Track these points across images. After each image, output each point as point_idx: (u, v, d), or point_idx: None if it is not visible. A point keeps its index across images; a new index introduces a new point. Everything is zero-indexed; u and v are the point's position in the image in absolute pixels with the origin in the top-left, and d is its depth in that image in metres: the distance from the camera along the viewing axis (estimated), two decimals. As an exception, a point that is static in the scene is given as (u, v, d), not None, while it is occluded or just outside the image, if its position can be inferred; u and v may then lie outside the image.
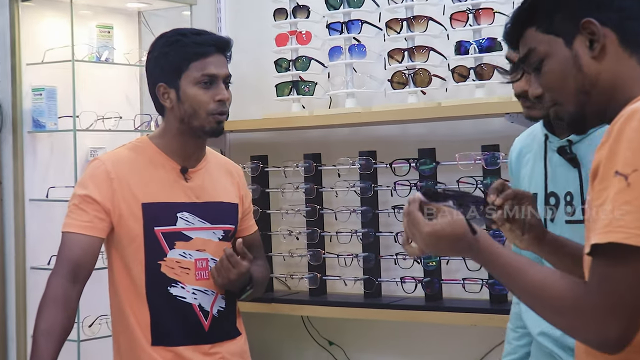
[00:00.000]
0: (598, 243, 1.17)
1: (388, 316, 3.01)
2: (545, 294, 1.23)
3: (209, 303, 2.12)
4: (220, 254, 2.12)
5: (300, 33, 3.20)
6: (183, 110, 2.07)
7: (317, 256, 3.18)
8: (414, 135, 3.16)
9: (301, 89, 3.22)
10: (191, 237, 2.10)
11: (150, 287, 2.07)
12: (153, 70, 2.11)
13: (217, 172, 2.20)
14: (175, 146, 2.12)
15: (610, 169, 1.19)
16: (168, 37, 2.10)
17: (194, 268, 2.10)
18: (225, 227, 2.17)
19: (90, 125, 3.32)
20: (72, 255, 2.02)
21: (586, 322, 1.18)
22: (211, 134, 2.10)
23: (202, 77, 2.06)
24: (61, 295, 2.00)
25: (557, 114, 1.38)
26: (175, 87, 2.07)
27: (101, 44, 3.39)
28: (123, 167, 2.08)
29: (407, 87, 2.99)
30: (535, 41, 1.37)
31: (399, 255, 3.04)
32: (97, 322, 3.23)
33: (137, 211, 2.06)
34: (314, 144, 3.34)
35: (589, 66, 1.32)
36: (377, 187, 3.08)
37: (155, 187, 2.09)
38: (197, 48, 2.06)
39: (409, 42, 3.01)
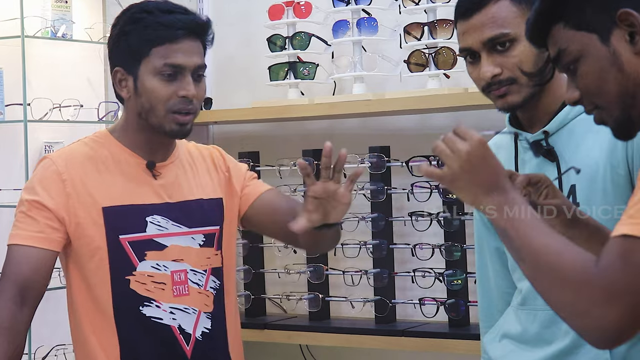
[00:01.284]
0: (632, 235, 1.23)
1: (404, 345, 2.99)
2: (557, 260, 1.30)
3: (190, 324, 2.08)
4: (203, 263, 2.11)
5: (298, 4, 3.19)
6: (140, 104, 2.06)
7: (319, 273, 3.16)
8: (436, 128, 3.14)
9: (299, 71, 3.21)
10: (165, 245, 2.08)
11: (119, 308, 2.05)
12: (112, 50, 2.10)
13: (191, 162, 2.18)
14: (139, 140, 2.10)
15: None
16: (132, 13, 2.07)
17: (171, 282, 2.07)
18: (207, 230, 2.13)
19: (44, 115, 3.31)
20: (19, 272, 2.01)
21: (589, 301, 1.25)
22: (171, 136, 2.07)
23: (164, 67, 2.02)
24: (6, 320, 1.97)
25: (601, 118, 1.42)
26: (133, 75, 2.05)
27: (57, 16, 3.38)
28: (78, 166, 2.07)
29: (427, 69, 2.98)
30: (565, 40, 1.40)
31: (417, 272, 3.01)
32: (53, 353, 3.23)
33: (97, 217, 2.04)
34: (315, 138, 3.30)
35: (632, 63, 1.34)
36: (391, 190, 3.07)
37: (118, 188, 2.07)
38: (162, 30, 2.02)
39: (430, 15, 2.99)
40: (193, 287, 2.10)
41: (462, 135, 1.45)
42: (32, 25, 3.27)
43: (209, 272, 2.12)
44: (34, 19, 3.28)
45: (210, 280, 2.13)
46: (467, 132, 1.46)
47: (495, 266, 2.02)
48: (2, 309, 1.98)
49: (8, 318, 1.97)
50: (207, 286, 2.12)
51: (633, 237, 1.22)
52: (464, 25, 1.85)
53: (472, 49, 1.85)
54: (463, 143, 1.45)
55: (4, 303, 1.98)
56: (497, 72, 1.82)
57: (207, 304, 2.12)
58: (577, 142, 1.82)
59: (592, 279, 1.25)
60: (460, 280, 2.95)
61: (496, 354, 1.98)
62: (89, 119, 3.40)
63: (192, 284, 2.10)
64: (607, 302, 1.23)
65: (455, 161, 1.44)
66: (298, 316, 3.26)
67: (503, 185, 1.44)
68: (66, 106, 3.34)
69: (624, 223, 1.24)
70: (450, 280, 2.94)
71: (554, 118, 1.86)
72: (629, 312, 1.22)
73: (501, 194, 1.43)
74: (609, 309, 1.23)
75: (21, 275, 2.00)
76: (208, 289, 2.12)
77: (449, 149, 1.46)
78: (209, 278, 2.12)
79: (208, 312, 2.12)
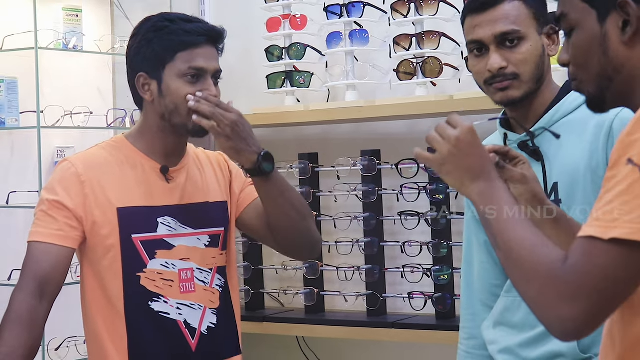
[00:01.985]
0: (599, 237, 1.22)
1: (394, 336, 3.02)
2: (529, 255, 1.30)
3: (196, 319, 2.12)
4: (208, 262, 2.14)
5: (294, 17, 3.21)
6: (164, 106, 2.09)
7: (314, 269, 3.19)
8: (424, 132, 2.89)
9: (295, 80, 3.24)
10: (173, 245, 2.11)
11: (129, 303, 2.07)
12: (134, 57, 2.13)
13: (199, 167, 2.21)
14: (155, 144, 2.13)
15: (622, 155, 1.22)
16: (154, 22, 2.11)
17: (178, 280, 2.11)
18: (212, 232, 2.17)
19: (56, 121, 3.32)
20: (39, 268, 2.03)
21: (554, 297, 1.24)
22: (194, 134, 2.10)
23: (189, 70, 2.07)
24: (26, 313, 1.99)
25: (578, 88, 1.42)
26: (157, 79, 2.09)
27: (68, 29, 3.40)
28: (95, 169, 2.10)
29: (415, 77, 3.01)
30: (570, 5, 1.38)
31: (407, 268, 3.05)
32: (65, 345, 3.24)
33: (112, 217, 2.07)
34: (310, 143, 3.36)
35: (617, 51, 1.33)
36: (382, 191, 3.10)
37: (132, 190, 2.10)
38: (185, 37, 2.07)
39: (418, 27, 3.03)
40: (199, 285, 2.13)
41: (453, 123, 1.48)
42: (45, 38, 3.28)
43: (215, 271, 2.16)
44: (47, 32, 3.29)
45: (215, 278, 2.16)
46: (458, 121, 1.48)
47: (482, 258, 2.06)
48: (22, 302, 1.99)
49: (28, 311, 1.99)
50: (212, 284, 2.15)
51: (598, 239, 1.21)
52: (477, 18, 1.90)
53: (482, 41, 1.90)
54: (453, 130, 1.47)
55: (24, 297, 2.00)
56: (504, 65, 1.88)
57: (212, 300, 2.15)
58: (561, 143, 1.84)
59: (559, 275, 1.25)
60: (446, 276, 2.96)
61: (489, 338, 2.03)
62: (99, 125, 3.41)
63: (198, 282, 2.13)
64: (571, 299, 1.23)
65: (444, 146, 1.47)
66: (295, 309, 3.27)
67: (489, 173, 1.45)
68: (77, 113, 3.35)
69: (590, 225, 1.23)
70: (438, 275, 2.97)
71: (539, 120, 1.92)
72: (590, 310, 1.22)
73: (486, 180, 1.44)
74: (572, 305, 1.22)
75: (41, 271, 2.01)
76: (214, 287, 2.15)
77: (439, 135, 1.48)
78: (214, 276, 2.16)
79: (214, 308, 2.14)
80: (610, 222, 1.22)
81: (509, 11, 1.90)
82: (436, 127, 1.51)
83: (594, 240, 1.23)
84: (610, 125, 1.85)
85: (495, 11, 1.90)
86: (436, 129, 1.50)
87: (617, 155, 1.23)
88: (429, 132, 1.51)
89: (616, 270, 1.22)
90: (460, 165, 1.46)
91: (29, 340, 1.99)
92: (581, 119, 1.89)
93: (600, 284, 1.22)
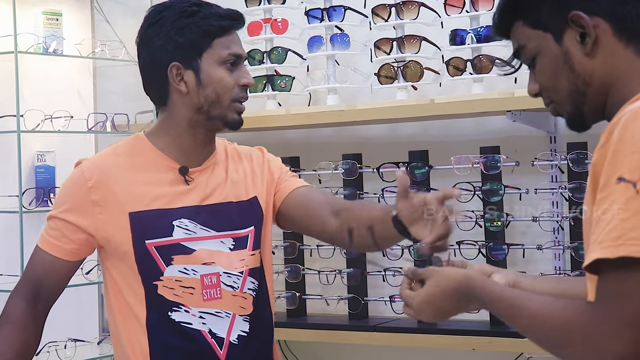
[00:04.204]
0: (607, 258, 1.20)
1: (376, 340, 3.02)
2: (550, 324, 1.28)
3: (224, 328, 1.98)
4: (235, 266, 1.99)
5: (275, 21, 3.22)
6: (203, 96, 1.96)
7: (296, 272, 3.20)
8: (404, 136, 3.19)
9: (277, 84, 3.24)
10: (193, 249, 1.98)
11: (148, 313, 1.96)
12: (161, 47, 1.96)
13: (231, 166, 2.08)
14: (180, 142, 2.01)
15: (611, 175, 1.22)
16: (183, 8, 1.96)
17: (200, 286, 1.96)
18: (237, 234, 2.02)
19: (36, 125, 3.30)
20: (34, 273, 2.00)
21: (596, 343, 1.21)
22: (232, 126, 1.99)
23: (229, 56, 1.96)
24: (16, 316, 1.96)
25: (556, 111, 1.43)
26: (193, 68, 1.95)
27: (48, 33, 3.37)
28: (108, 172, 1.99)
29: (396, 81, 3.02)
30: (524, 37, 1.41)
31: (388, 272, 3.04)
32: (45, 350, 3.21)
33: (124, 223, 1.96)
34: (292, 146, 3.36)
35: (582, 64, 1.35)
36: (363, 195, 3.10)
37: (146, 193, 1.98)
38: (222, 21, 1.96)
39: (398, 31, 3.03)
40: (226, 290, 1.98)
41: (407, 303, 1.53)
42: (24, 42, 3.25)
43: (246, 274, 2.01)
44: (26, 36, 3.26)
45: (247, 281, 2.01)
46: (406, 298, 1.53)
47: None
48: (14, 305, 1.97)
49: (18, 313, 1.96)
50: (243, 288, 2.00)
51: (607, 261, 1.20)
52: None
53: None
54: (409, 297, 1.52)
55: (16, 299, 1.98)
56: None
57: (243, 306, 2.00)
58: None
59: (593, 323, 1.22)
60: None
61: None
62: (79, 129, 3.38)
63: (225, 287, 1.98)
64: (615, 334, 1.20)
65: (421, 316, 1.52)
66: (276, 313, 3.00)
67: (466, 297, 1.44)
68: (57, 117, 3.31)
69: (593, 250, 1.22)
70: None
71: None
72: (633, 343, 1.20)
73: (470, 302, 1.44)
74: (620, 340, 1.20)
75: (35, 276, 1.99)
76: (245, 291, 2.00)
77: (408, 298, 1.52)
78: (245, 279, 2.01)
79: (245, 315, 2.00)
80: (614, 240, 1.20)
81: None
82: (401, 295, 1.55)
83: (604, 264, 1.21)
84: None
85: None
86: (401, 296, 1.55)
87: (606, 177, 1.23)
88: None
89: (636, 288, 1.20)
90: (443, 313, 1.49)
91: (17, 343, 1.95)
92: None
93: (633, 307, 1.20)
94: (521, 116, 2.77)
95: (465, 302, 1.45)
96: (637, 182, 1.19)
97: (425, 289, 1.49)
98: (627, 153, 1.21)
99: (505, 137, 2.99)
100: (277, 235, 3.23)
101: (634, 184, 1.19)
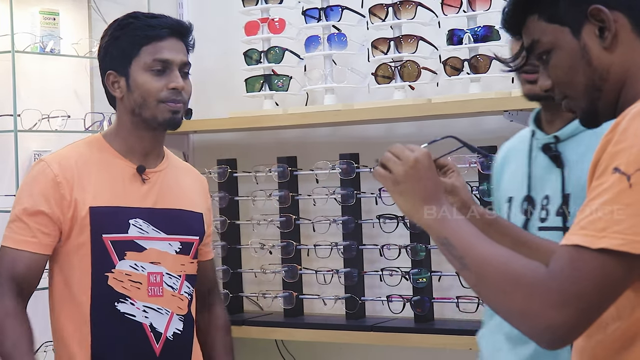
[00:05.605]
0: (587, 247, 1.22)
1: (373, 339, 3.02)
2: (506, 267, 1.29)
3: (162, 324, 2.13)
4: (177, 269, 2.16)
5: (272, 20, 3.21)
6: (132, 100, 2.11)
7: (293, 272, 3.19)
8: (401, 136, 3.18)
9: (274, 83, 3.23)
10: (145, 248, 2.12)
11: (96, 303, 2.09)
12: (103, 57, 2.16)
13: (181, 176, 2.23)
14: (131, 143, 2.14)
15: (610, 164, 1.23)
16: (120, 21, 2.15)
17: (147, 282, 2.12)
18: (184, 239, 2.18)
19: (33, 125, 3.31)
20: (14, 270, 2.07)
21: (542, 304, 1.24)
22: (166, 126, 2.12)
23: (154, 62, 2.09)
24: (12, 310, 2.05)
25: (569, 107, 1.42)
26: (125, 75, 2.11)
27: (45, 32, 3.38)
28: (71, 168, 2.11)
29: (393, 81, 3.02)
30: (539, 31, 1.40)
31: (385, 271, 3.05)
32: (42, 350, 3.20)
33: (84, 216, 2.08)
34: (289, 146, 3.36)
35: (600, 59, 1.35)
36: (360, 194, 3.10)
37: (105, 190, 2.11)
38: (149, 31, 2.10)
39: (395, 31, 3.03)
40: (167, 290, 2.13)
41: (409, 147, 1.48)
42: (22, 41, 3.27)
43: (183, 278, 2.17)
44: (23, 35, 3.28)
45: (184, 285, 2.17)
46: (413, 146, 1.48)
47: None
48: (4, 305, 2.05)
49: (13, 309, 2.05)
50: (181, 290, 2.16)
51: (586, 248, 1.21)
52: None
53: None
54: (411, 152, 1.46)
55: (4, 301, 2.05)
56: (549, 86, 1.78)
57: (180, 307, 2.16)
58: (584, 152, 1.80)
59: (544, 283, 1.24)
60: (425, 279, 2.97)
61: (488, 349, 2.00)
62: (76, 129, 3.39)
63: (166, 287, 2.13)
64: (559, 306, 1.22)
65: (401, 166, 1.45)
66: (273, 313, 3.27)
67: (440, 198, 1.44)
68: (54, 117, 3.34)
69: (575, 233, 1.24)
70: (416, 278, 2.97)
71: (567, 125, 1.86)
72: (577, 316, 1.23)
73: (438, 205, 1.42)
74: (561, 312, 1.22)
75: (16, 273, 2.07)
76: (182, 293, 2.16)
77: (396, 156, 1.47)
78: (183, 283, 2.16)
79: (181, 315, 2.15)
80: (598, 231, 1.22)
81: None
82: (390, 148, 1.50)
83: (581, 248, 1.22)
84: None
85: None
86: (391, 150, 1.49)
87: (605, 165, 1.24)
88: (384, 154, 1.50)
89: (603, 278, 1.22)
90: (414, 187, 1.44)
91: (27, 329, 2.07)
92: None
93: (587, 291, 1.22)
94: (518, 116, 2.77)
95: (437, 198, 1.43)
96: (631, 175, 1.20)
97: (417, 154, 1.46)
98: (628, 145, 1.21)
99: (502, 137, 2.95)
100: (274, 235, 3.24)
101: (628, 176, 1.20)
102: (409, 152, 1.47)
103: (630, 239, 1.20)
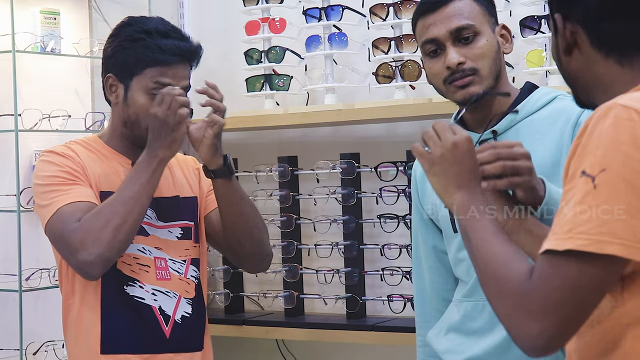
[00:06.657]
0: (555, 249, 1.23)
1: (374, 339, 3.02)
2: (501, 271, 1.31)
3: (171, 306, 2.15)
4: (182, 254, 2.18)
5: (273, 20, 3.22)
6: (126, 114, 2.15)
7: (294, 272, 3.19)
8: (402, 136, 3.18)
9: (274, 83, 3.24)
10: (149, 233, 2.17)
11: (105, 286, 2.11)
12: (108, 58, 2.18)
13: (173, 165, 2.26)
14: (125, 145, 2.20)
15: (577, 168, 1.24)
16: (132, 32, 2.14)
17: (154, 266, 2.15)
18: (183, 224, 2.22)
19: (34, 124, 3.31)
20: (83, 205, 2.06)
21: (522, 313, 1.25)
22: None
23: (155, 84, 2.10)
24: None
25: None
26: (125, 85, 2.14)
27: (46, 32, 3.39)
28: (77, 156, 2.14)
29: (394, 81, 3.02)
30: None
31: (386, 271, 3.05)
32: (43, 350, 3.22)
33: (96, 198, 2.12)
34: (290, 146, 3.36)
35: (567, 63, 1.39)
36: (361, 194, 3.11)
37: (108, 178, 2.15)
38: (158, 53, 2.11)
39: (396, 30, 3.03)
40: (174, 274, 2.17)
41: (453, 129, 1.49)
42: (22, 41, 3.28)
43: (189, 262, 2.20)
44: (24, 35, 3.29)
45: (190, 269, 2.20)
46: (459, 128, 1.50)
47: (431, 263, 2.05)
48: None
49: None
50: (187, 274, 2.20)
51: (553, 252, 1.23)
52: (430, 18, 1.90)
53: (438, 39, 1.88)
54: (452, 134, 1.48)
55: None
56: (462, 60, 1.86)
57: (188, 290, 2.19)
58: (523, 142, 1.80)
59: (525, 291, 1.25)
60: None
61: (443, 347, 1.99)
62: (77, 128, 3.40)
63: (173, 271, 2.17)
64: (538, 314, 1.23)
65: (440, 148, 1.47)
66: (274, 313, 3.28)
67: (474, 185, 1.46)
68: (55, 116, 3.35)
69: (547, 239, 1.25)
70: None
71: (502, 119, 1.89)
72: (558, 324, 1.23)
73: (470, 192, 1.44)
74: (540, 321, 1.23)
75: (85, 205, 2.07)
76: (189, 277, 2.20)
77: (437, 136, 1.49)
78: (188, 267, 2.20)
79: (189, 298, 2.18)
80: (565, 233, 1.23)
81: (462, 7, 1.90)
82: (435, 124, 1.51)
83: (550, 254, 1.23)
84: (577, 120, 1.85)
85: (447, 8, 1.89)
86: (435, 129, 1.50)
87: (573, 170, 1.25)
88: (426, 130, 1.51)
89: (576, 281, 1.22)
90: (449, 170, 1.47)
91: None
92: (546, 118, 1.89)
93: (564, 296, 1.22)
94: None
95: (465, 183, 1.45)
96: (595, 177, 1.21)
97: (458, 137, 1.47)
98: (592, 147, 1.23)
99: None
100: (275, 235, 3.23)
101: (592, 178, 1.21)
102: (450, 134, 1.48)
103: (594, 239, 1.20)
